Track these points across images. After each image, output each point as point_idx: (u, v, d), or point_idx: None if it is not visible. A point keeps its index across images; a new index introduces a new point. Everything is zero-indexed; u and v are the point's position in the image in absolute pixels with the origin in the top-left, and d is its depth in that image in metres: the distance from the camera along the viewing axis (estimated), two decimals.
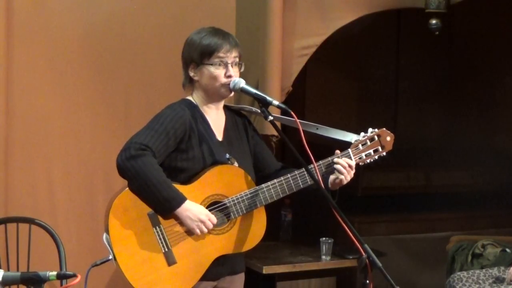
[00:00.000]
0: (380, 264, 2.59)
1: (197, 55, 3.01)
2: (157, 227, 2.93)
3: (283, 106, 2.93)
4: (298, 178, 3.03)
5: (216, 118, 3.10)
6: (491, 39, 5.91)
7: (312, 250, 4.63)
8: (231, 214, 3.00)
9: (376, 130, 3.14)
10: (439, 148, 6.13)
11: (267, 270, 4.37)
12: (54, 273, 2.29)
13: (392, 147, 3.16)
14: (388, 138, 3.15)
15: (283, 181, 3.03)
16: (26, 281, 2.30)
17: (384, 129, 3.16)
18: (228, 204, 3.00)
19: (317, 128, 3.20)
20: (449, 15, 4.59)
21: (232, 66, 3.02)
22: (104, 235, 2.94)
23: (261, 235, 3.07)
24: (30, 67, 3.95)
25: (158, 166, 2.90)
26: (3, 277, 2.31)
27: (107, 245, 2.92)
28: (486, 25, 5.86)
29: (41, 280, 2.28)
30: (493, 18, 5.75)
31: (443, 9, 4.33)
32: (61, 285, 3.60)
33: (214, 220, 2.96)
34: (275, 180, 3.03)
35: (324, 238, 4.51)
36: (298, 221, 5.09)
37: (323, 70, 5.63)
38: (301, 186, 3.04)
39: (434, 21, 4.49)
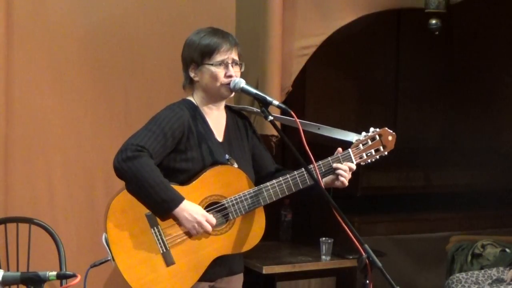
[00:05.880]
0: (380, 264, 2.59)
1: (197, 55, 3.00)
2: (155, 228, 2.92)
3: (283, 106, 2.92)
4: (298, 179, 3.01)
5: (216, 119, 3.09)
6: (491, 39, 5.91)
7: (312, 250, 4.63)
8: (230, 214, 2.99)
9: (377, 129, 3.13)
10: (439, 148, 6.13)
11: (267, 270, 4.36)
12: (54, 273, 2.29)
13: (394, 146, 3.15)
14: (390, 138, 3.13)
15: (282, 182, 3.01)
16: (26, 281, 2.30)
17: (386, 128, 3.14)
18: (226, 205, 2.98)
19: (319, 128, 3.19)
20: (449, 15, 4.59)
21: (232, 65, 3.01)
22: (104, 235, 2.94)
23: (260, 236, 3.06)
24: (30, 67, 3.95)
25: (155, 167, 2.88)
26: (3, 277, 2.31)
27: (106, 246, 2.92)
28: (485, 25, 5.87)
29: (41, 280, 2.28)
30: (493, 18, 5.75)
31: (443, 9, 4.32)
32: (61, 285, 3.60)
33: (213, 221, 2.94)
34: (274, 181, 3.01)
35: (324, 238, 4.51)
36: (298, 221, 5.08)
37: (323, 70, 5.62)
38: (301, 186, 3.02)
39: (434, 21, 4.49)
